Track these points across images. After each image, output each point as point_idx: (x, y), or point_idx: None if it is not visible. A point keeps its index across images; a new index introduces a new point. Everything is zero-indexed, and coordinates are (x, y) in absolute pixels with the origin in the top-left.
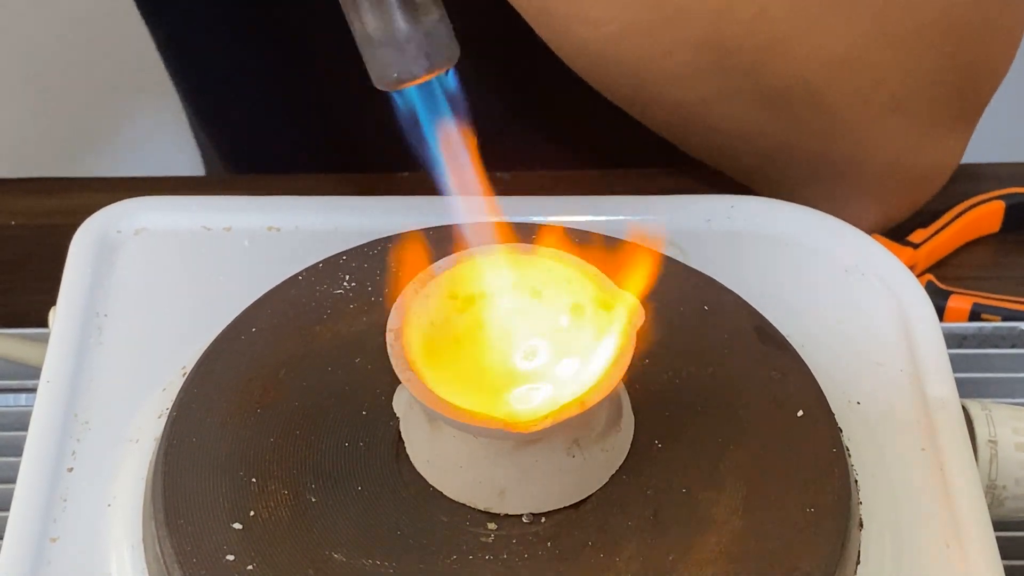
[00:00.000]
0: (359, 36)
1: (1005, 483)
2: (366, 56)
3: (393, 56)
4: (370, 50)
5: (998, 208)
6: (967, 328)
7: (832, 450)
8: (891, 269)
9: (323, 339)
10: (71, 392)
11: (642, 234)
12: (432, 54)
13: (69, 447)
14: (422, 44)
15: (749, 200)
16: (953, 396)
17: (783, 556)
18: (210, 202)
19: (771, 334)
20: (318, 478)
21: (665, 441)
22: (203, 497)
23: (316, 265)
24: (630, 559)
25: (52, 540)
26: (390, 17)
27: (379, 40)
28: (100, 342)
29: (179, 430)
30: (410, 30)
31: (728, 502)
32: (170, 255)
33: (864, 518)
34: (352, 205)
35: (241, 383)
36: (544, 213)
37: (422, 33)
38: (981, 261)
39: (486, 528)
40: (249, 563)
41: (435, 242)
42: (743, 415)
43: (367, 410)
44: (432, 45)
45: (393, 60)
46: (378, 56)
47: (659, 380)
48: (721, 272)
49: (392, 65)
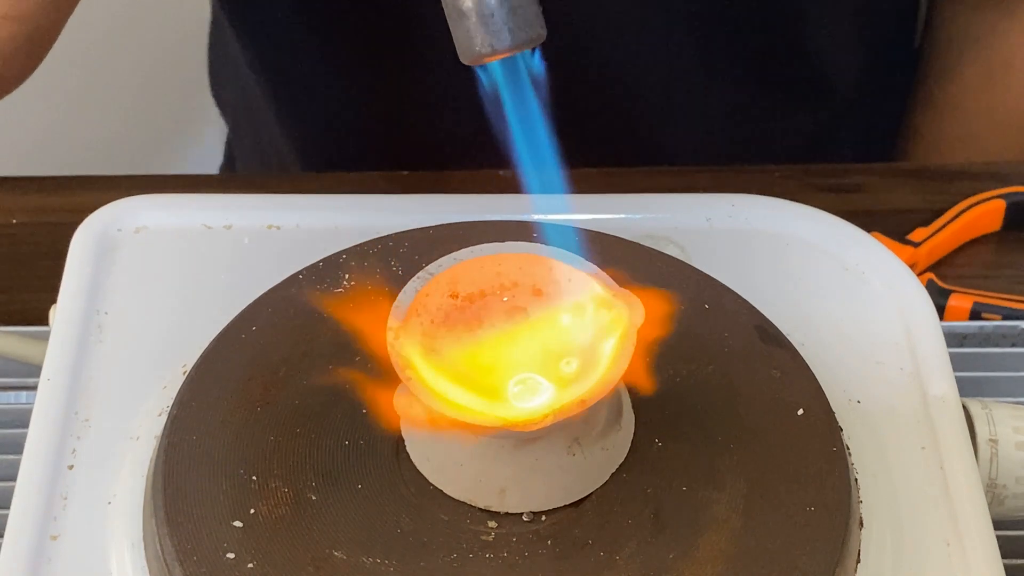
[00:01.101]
0: (448, 8)
1: (1005, 482)
2: (453, 30)
3: (478, 29)
4: (457, 23)
5: (999, 207)
6: (968, 327)
7: (832, 449)
8: (891, 268)
9: (323, 338)
10: (72, 390)
11: (643, 233)
12: (515, 29)
13: (69, 445)
14: (506, 19)
15: (750, 199)
16: (953, 395)
17: (783, 555)
18: (210, 200)
19: (771, 333)
20: (318, 476)
21: (665, 440)
22: (203, 495)
23: (316, 264)
24: (630, 557)
25: (52, 538)
26: None
27: (466, 12)
28: (101, 340)
29: (180, 428)
30: (496, 4)
31: (728, 501)
32: (170, 253)
33: (864, 517)
34: (352, 204)
35: (241, 381)
36: (544, 212)
37: (507, 8)
38: (982, 260)
39: (486, 526)
40: (249, 561)
41: (436, 241)
42: (743, 414)
43: (367, 409)
44: (517, 21)
45: (478, 33)
46: (465, 29)
47: (660, 379)
48: (722, 271)
49: (476, 38)
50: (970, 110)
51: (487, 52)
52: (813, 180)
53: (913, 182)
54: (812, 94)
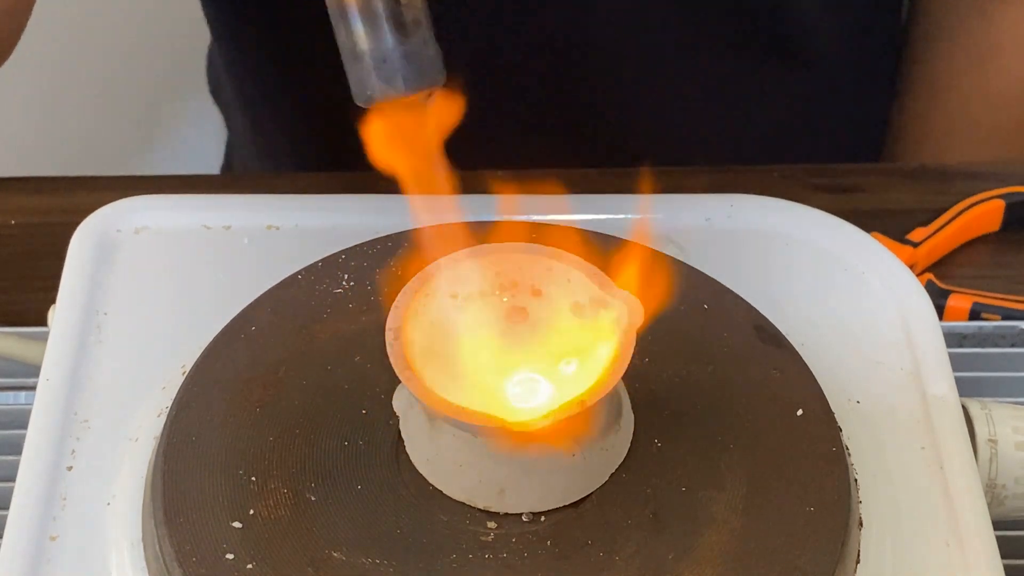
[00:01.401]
0: (343, 49)
1: (1005, 482)
2: (348, 71)
3: (371, 73)
4: (350, 64)
5: (998, 207)
6: (967, 327)
7: (832, 449)
8: (891, 268)
9: (323, 338)
10: (71, 391)
11: (643, 233)
12: (409, 77)
13: (69, 446)
14: (400, 65)
15: (749, 199)
16: (953, 395)
17: (783, 555)
18: (210, 201)
19: (771, 333)
20: (318, 477)
21: (665, 440)
22: (203, 496)
23: (315, 264)
24: (630, 558)
25: (52, 539)
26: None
27: (359, 55)
28: (100, 341)
29: (179, 429)
30: (389, 50)
31: (728, 501)
32: (170, 254)
33: (864, 517)
34: (352, 204)
35: (241, 382)
36: (544, 212)
37: (400, 54)
38: (981, 260)
39: (486, 527)
40: (249, 562)
41: (436, 241)
42: (743, 414)
43: (367, 409)
44: (411, 68)
45: (371, 77)
46: (356, 71)
47: (659, 379)
48: (721, 271)
49: (369, 82)
50: (962, 92)
51: (379, 97)
52: (813, 180)
53: (912, 182)
54: (795, 66)
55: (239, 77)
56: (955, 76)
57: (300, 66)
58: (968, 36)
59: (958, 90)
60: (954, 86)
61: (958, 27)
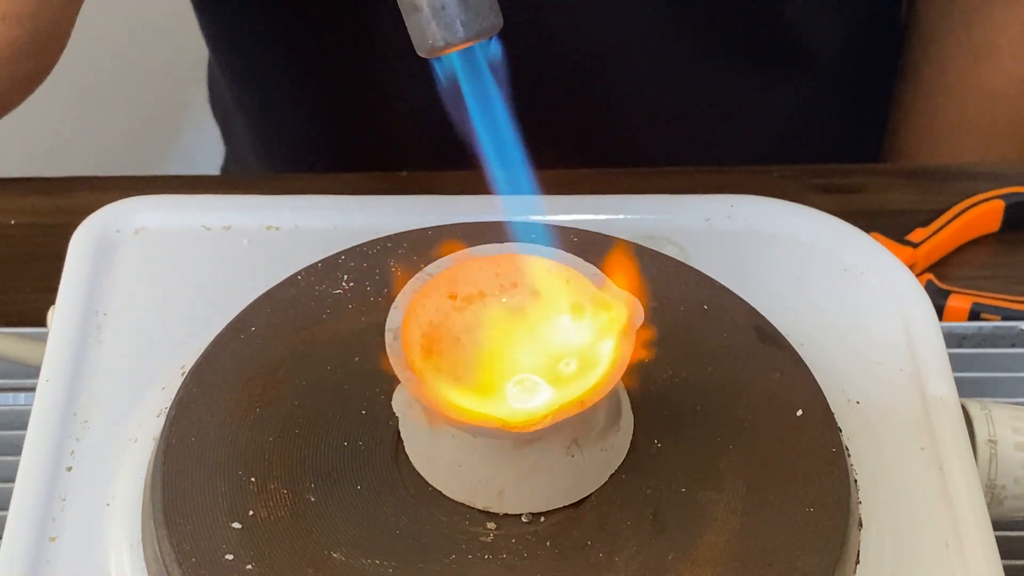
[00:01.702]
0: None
1: (1004, 482)
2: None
3: (431, 22)
4: (410, 16)
5: (998, 207)
6: (967, 328)
7: (831, 450)
8: (891, 268)
9: (322, 339)
10: (70, 391)
11: (642, 234)
12: (468, 22)
13: (68, 446)
14: (458, 11)
15: (749, 199)
16: (952, 396)
17: (782, 556)
18: (209, 201)
19: (771, 334)
20: (317, 477)
21: (664, 441)
22: (202, 496)
23: (315, 265)
24: (629, 558)
25: (51, 539)
26: None
27: (418, 5)
28: (99, 341)
29: (178, 429)
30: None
31: (727, 501)
32: (169, 254)
33: (864, 518)
34: (351, 205)
35: (240, 382)
36: (544, 213)
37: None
38: (981, 260)
39: (485, 528)
40: (248, 562)
41: (435, 241)
42: (742, 415)
43: (367, 409)
44: (469, 13)
45: (430, 26)
46: (417, 22)
47: (659, 380)
48: (721, 272)
49: (429, 31)
50: (959, 91)
51: (440, 45)
52: (812, 180)
53: (912, 182)
54: (794, 67)
55: (237, 84)
56: (954, 76)
57: (301, 67)
58: (966, 36)
59: (957, 90)
60: (953, 86)
61: (957, 27)
